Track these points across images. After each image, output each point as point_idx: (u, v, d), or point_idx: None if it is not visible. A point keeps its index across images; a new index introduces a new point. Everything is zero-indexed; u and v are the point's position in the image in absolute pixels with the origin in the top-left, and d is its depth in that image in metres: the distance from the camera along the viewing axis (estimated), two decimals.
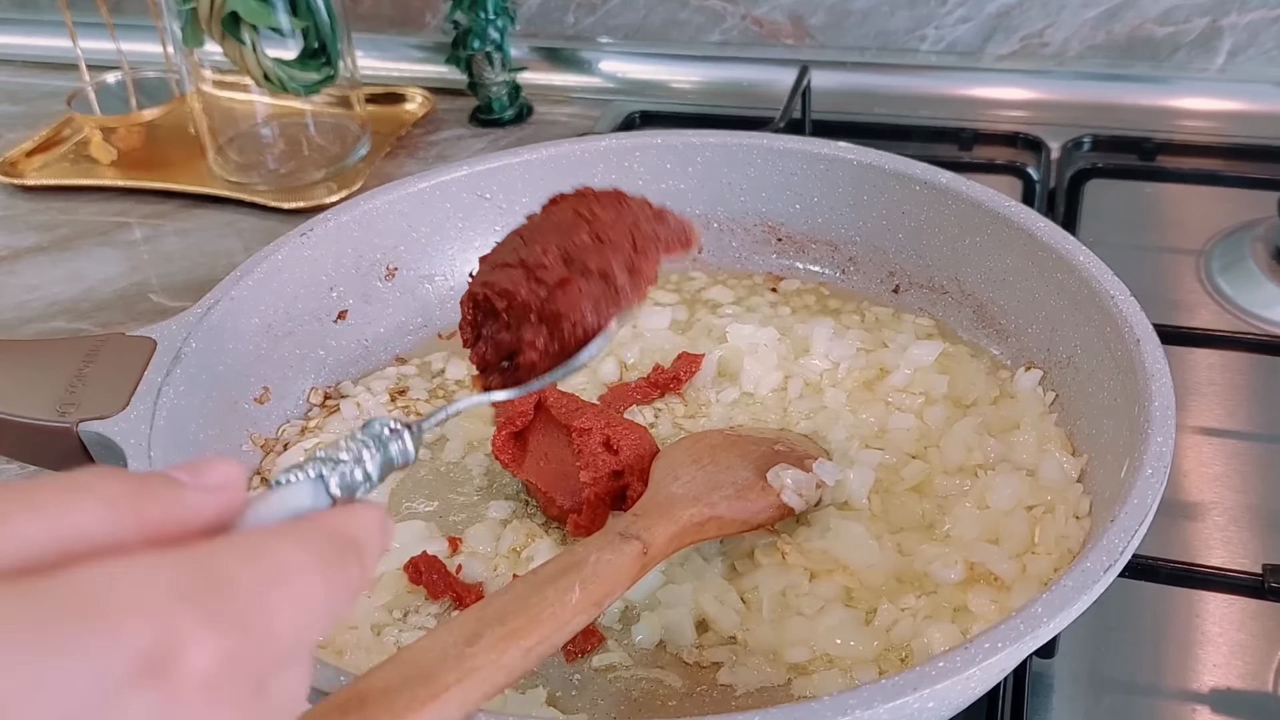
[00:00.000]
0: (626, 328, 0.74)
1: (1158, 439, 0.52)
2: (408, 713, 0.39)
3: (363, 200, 0.74)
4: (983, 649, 0.43)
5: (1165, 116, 1.03)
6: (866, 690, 0.42)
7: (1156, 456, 0.52)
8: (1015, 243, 0.69)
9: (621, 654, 0.55)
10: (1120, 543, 0.48)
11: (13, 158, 1.08)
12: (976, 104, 1.08)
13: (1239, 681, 0.58)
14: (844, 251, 0.78)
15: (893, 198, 0.75)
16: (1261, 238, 0.86)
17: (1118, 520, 0.49)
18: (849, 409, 0.67)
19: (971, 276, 0.72)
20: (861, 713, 0.41)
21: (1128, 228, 0.92)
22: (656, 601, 0.57)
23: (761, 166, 0.79)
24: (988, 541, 0.58)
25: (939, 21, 1.09)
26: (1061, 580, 0.46)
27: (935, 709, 0.44)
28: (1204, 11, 1.03)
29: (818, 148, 0.77)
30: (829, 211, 0.78)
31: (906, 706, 0.42)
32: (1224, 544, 0.65)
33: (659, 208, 0.50)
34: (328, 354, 0.73)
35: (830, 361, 0.70)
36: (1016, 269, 0.69)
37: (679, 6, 1.16)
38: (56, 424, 0.58)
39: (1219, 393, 0.75)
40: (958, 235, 0.72)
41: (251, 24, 0.94)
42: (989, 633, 0.44)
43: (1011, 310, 0.70)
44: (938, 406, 0.67)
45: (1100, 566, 0.47)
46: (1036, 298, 0.68)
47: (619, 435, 0.60)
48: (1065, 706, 0.57)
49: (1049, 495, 0.59)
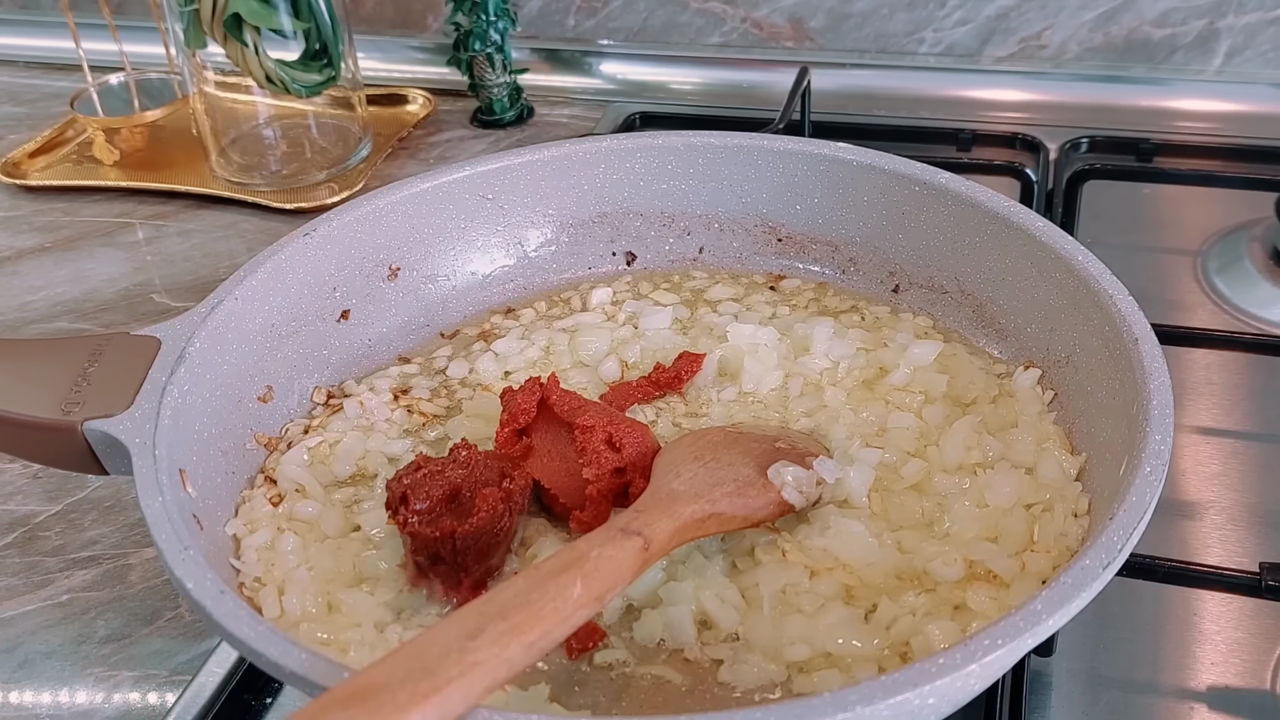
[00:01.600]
0: (628, 327, 0.75)
1: (1156, 437, 0.53)
2: (410, 706, 0.39)
3: (365, 201, 0.75)
4: (983, 645, 0.44)
5: (1163, 118, 1.04)
6: (868, 686, 0.42)
7: (1155, 455, 0.52)
8: (1014, 242, 0.69)
9: (623, 651, 0.55)
10: (1119, 540, 0.48)
11: (16, 159, 1.09)
12: (975, 105, 1.08)
13: (1236, 680, 0.58)
14: (844, 252, 0.79)
15: (892, 198, 0.75)
16: (1258, 238, 0.87)
17: (1116, 518, 0.49)
18: (849, 407, 0.67)
19: (970, 276, 0.73)
20: (863, 708, 0.41)
21: (1125, 228, 0.92)
22: (658, 599, 0.57)
23: (762, 167, 0.79)
24: (987, 539, 0.58)
25: (938, 24, 1.10)
26: (1061, 577, 0.46)
27: (936, 705, 0.44)
28: (1201, 13, 1.03)
29: (818, 149, 0.77)
30: (829, 212, 0.78)
31: (907, 703, 0.42)
32: (1221, 543, 0.65)
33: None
34: (331, 353, 0.73)
35: (830, 360, 0.70)
36: (1015, 269, 0.69)
37: (679, 9, 1.16)
38: (62, 422, 0.58)
39: (1216, 392, 0.76)
40: (957, 235, 0.73)
41: (254, 25, 0.94)
42: (989, 629, 0.44)
43: (1010, 309, 0.70)
44: (937, 405, 0.67)
45: (1099, 564, 0.47)
46: (1035, 297, 0.68)
47: (621, 433, 0.60)
48: (1063, 705, 0.58)
49: (1048, 494, 0.60)
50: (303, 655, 0.45)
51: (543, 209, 0.80)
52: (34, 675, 0.64)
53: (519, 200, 0.79)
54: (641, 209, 0.81)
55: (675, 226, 0.81)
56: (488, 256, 0.80)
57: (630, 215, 0.81)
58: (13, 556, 0.71)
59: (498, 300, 0.79)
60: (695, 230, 0.81)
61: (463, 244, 0.79)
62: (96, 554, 0.71)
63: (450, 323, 0.78)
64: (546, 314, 0.78)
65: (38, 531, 0.73)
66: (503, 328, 0.77)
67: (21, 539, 0.72)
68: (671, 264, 0.82)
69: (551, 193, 0.80)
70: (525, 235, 0.80)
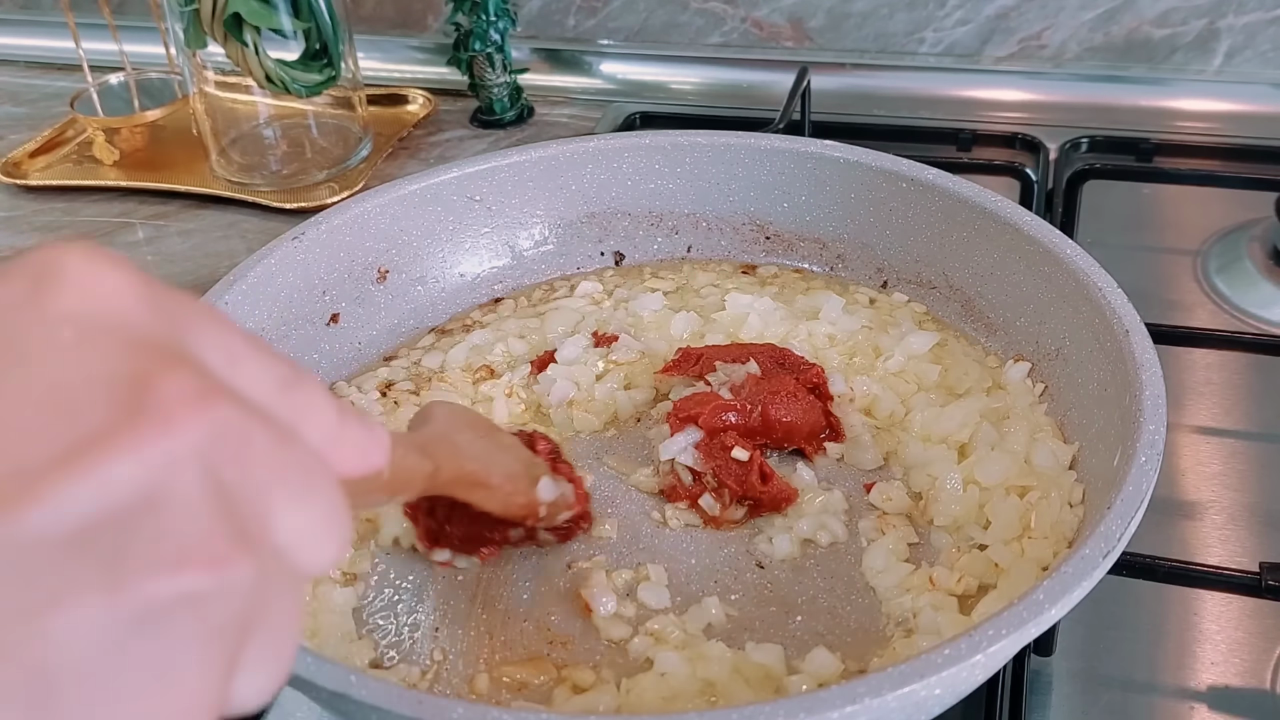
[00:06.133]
0: (619, 310, 0.76)
1: (1150, 427, 0.53)
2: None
3: (353, 204, 0.75)
4: (987, 635, 0.44)
5: (1163, 117, 1.03)
6: (875, 678, 0.42)
7: (1149, 444, 0.52)
8: (1001, 237, 0.69)
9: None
10: (1118, 529, 0.48)
11: (15, 158, 1.09)
12: (975, 105, 1.08)
13: (1237, 679, 0.58)
14: (832, 249, 0.79)
15: (879, 194, 0.75)
16: (1258, 238, 0.87)
17: (1114, 507, 0.49)
18: (841, 375, 0.68)
19: (959, 271, 0.73)
20: (871, 700, 0.41)
21: (1125, 228, 0.92)
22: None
23: (749, 166, 0.79)
24: (980, 525, 0.59)
25: (938, 24, 1.10)
26: (1062, 567, 0.47)
27: (941, 696, 0.45)
28: (1201, 13, 1.03)
29: (804, 146, 0.78)
30: (817, 209, 0.79)
31: (914, 694, 0.42)
32: (1221, 543, 0.65)
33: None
34: (321, 357, 0.73)
35: (835, 329, 0.71)
36: (1003, 263, 0.70)
37: (679, 9, 1.16)
38: None
39: (1216, 392, 0.76)
40: (944, 230, 0.73)
41: (254, 25, 0.94)
42: (993, 619, 0.44)
43: (999, 304, 0.71)
44: (931, 393, 0.68)
45: (1099, 553, 0.47)
46: (1024, 291, 0.68)
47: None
48: (1063, 704, 0.58)
49: (1042, 480, 0.60)
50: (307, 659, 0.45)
51: (530, 210, 0.80)
52: None
53: (507, 201, 0.79)
54: (629, 208, 0.81)
55: (663, 225, 0.82)
56: (476, 258, 0.80)
57: (618, 215, 0.81)
58: None
59: (486, 301, 0.80)
60: (683, 229, 0.82)
61: (451, 245, 0.79)
62: None
63: (440, 324, 0.78)
64: (530, 304, 0.79)
65: None
66: (484, 322, 0.78)
67: None
68: (660, 263, 0.82)
69: (539, 193, 0.80)
70: (514, 236, 0.81)
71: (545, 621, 0.57)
